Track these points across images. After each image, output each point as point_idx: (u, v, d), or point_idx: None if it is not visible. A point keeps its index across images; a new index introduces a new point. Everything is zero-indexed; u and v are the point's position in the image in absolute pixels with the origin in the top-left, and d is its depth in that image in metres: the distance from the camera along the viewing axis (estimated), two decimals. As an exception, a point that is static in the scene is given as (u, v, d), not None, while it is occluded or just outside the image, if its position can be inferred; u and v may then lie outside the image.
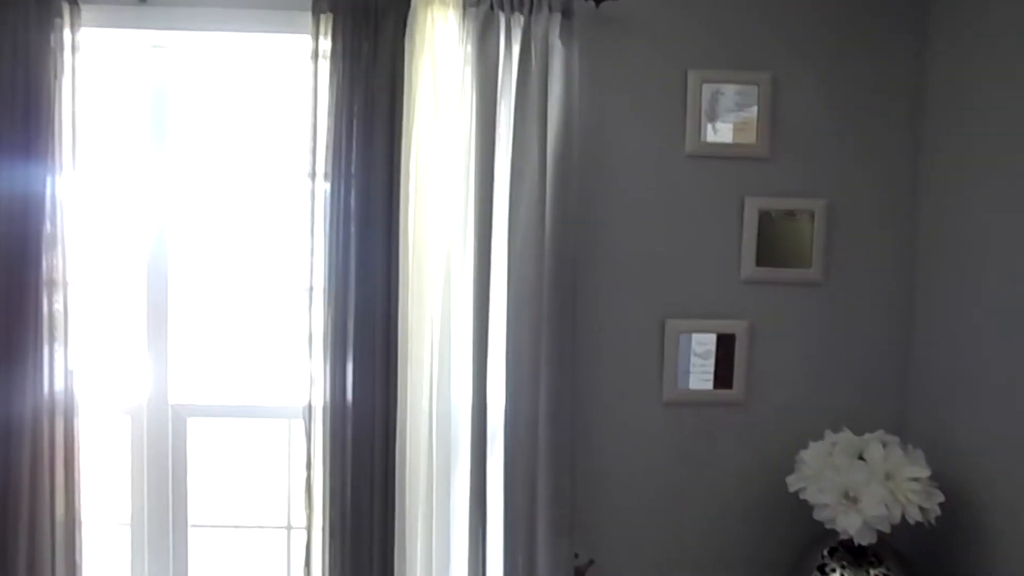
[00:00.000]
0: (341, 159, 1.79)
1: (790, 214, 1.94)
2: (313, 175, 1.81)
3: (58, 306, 1.80)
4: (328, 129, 1.79)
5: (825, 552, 1.74)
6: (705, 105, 1.92)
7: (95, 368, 1.94)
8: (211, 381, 2.09)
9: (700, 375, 1.95)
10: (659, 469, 1.97)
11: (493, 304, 1.83)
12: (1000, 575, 1.62)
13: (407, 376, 1.82)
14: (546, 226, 1.81)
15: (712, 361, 1.95)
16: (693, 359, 1.94)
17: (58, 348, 1.81)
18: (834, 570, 1.70)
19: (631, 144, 1.93)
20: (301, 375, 1.83)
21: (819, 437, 1.80)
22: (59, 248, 1.79)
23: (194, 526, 2.04)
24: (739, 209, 1.93)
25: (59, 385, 1.82)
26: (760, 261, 1.93)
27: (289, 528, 1.91)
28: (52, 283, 1.79)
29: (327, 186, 1.79)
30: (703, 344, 1.94)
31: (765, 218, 1.93)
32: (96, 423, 1.97)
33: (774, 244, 1.94)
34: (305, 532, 1.85)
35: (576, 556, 1.91)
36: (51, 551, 1.84)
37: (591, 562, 1.93)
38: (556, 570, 1.83)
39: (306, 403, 1.82)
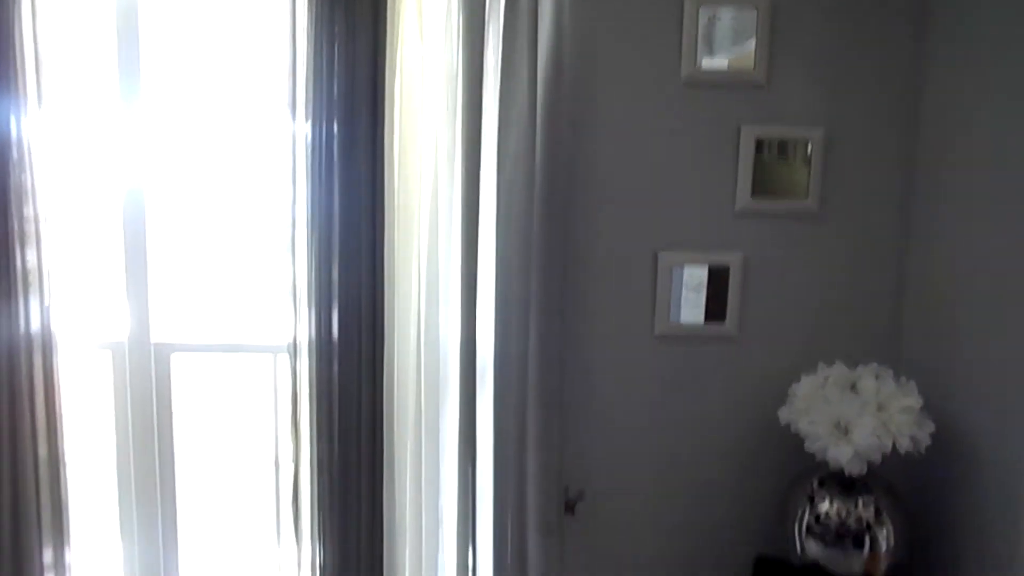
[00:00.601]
0: (322, 89, 1.71)
1: (787, 144, 1.88)
2: (293, 105, 1.73)
3: (31, 240, 1.74)
4: (307, 57, 1.71)
5: (815, 483, 1.74)
6: (701, 30, 1.84)
7: (73, 305, 1.89)
8: (194, 318, 2.05)
9: (692, 308, 1.92)
10: (650, 403, 1.96)
11: (482, 239, 1.78)
12: (985, 504, 1.63)
13: (394, 313, 1.79)
14: (536, 158, 1.74)
15: (704, 294, 1.92)
16: (685, 292, 1.91)
17: (33, 284, 1.75)
18: (823, 500, 1.70)
19: (624, 71, 1.85)
20: (286, 311, 1.78)
21: (812, 371, 1.79)
22: (30, 183, 1.72)
23: (181, 463, 2.02)
24: (735, 138, 1.87)
25: (36, 322, 1.78)
26: (755, 192, 1.88)
27: (277, 464, 1.89)
28: (24, 218, 1.73)
29: (308, 118, 1.71)
30: (695, 277, 1.91)
31: (761, 148, 1.88)
32: (77, 361, 1.93)
33: (770, 175, 1.89)
34: (292, 467, 1.83)
35: (566, 489, 1.91)
36: (35, 490, 1.82)
37: (581, 494, 1.94)
38: (547, 503, 1.83)
39: (291, 339, 1.78)
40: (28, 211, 1.73)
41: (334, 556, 1.82)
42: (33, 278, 1.76)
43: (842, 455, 1.60)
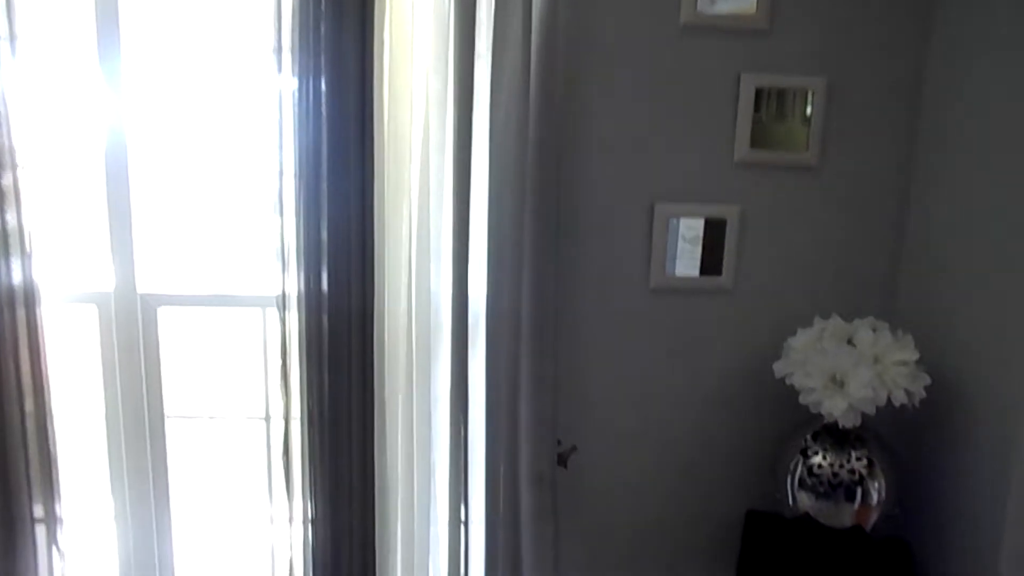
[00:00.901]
0: (309, 38, 1.63)
1: (787, 93, 1.83)
2: (279, 53, 1.66)
3: (9, 193, 1.69)
4: (293, 3, 1.63)
5: (808, 436, 1.73)
6: (702, -30, 1.78)
7: (56, 257, 1.85)
8: (181, 272, 2.01)
9: (688, 261, 1.89)
10: (644, 356, 1.94)
11: (474, 189, 1.74)
12: (978, 459, 1.63)
13: (384, 264, 1.75)
14: (530, 107, 1.69)
15: (700, 247, 1.89)
16: (681, 245, 1.88)
17: (12, 236, 1.71)
18: (816, 452, 1.70)
19: (621, 15, 1.79)
20: (274, 263, 1.74)
21: (808, 325, 1.77)
22: (5, 133, 1.66)
23: (171, 417, 2.00)
24: (734, 87, 1.82)
25: (17, 275, 1.73)
26: (754, 143, 1.84)
27: (268, 418, 1.88)
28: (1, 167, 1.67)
29: (294, 69, 1.65)
30: (692, 229, 1.87)
31: (761, 97, 1.83)
32: (62, 314, 1.90)
33: (769, 125, 1.84)
34: (283, 421, 1.82)
35: (559, 443, 1.91)
36: (23, 444, 1.80)
37: (574, 448, 1.93)
38: (539, 454, 1.82)
39: (280, 291, 1.75)
40: (5, 161, 1.67)
41: (325, 509, 1.82)
42: (13, 230, 1.71)
43: (836, 407, 1.59)
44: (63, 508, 1.88)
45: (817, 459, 1.68)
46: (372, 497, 1.82)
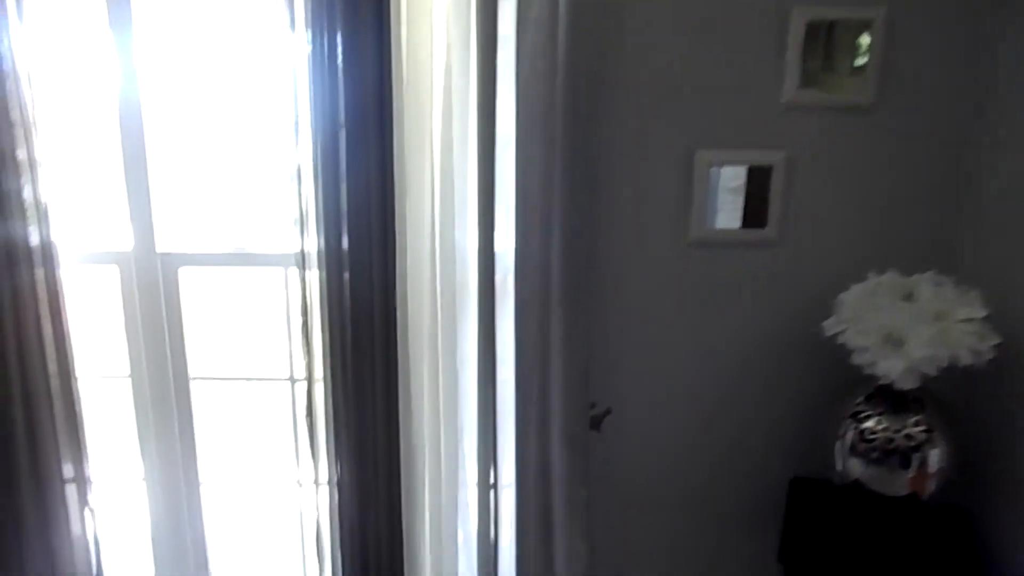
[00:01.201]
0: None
1: (842, 27, 1.67)
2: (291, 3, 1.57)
3: (23, 162, 1.65)
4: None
5: (861, 399, 1.61)
6: None
7: (75, 218, 1.81)
8: (201, 230, 1.95)
9: (729, 213, 1.76)
10: (683, 314, 1.83)
11: (500, 135, 1.63)
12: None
13: (406, 219, 1.66)
14: (558, 46, 1.56)
15: (742, 197, 1.75)
16: (722, 195, 1.75)
17: (29, 205, 1.67)
18: (870, 417, 1.58)
19: (658, -56, 1.64)
20: (294, 221, 1.67)
21: (861, 279, 1.64)
22: (17, 94, 1.62)
23: (195, 379, 1.96)
24: (783, 20, 1.66)
25: (35, 237, 1.70)
26: (805, 83, 1.69)
27: (292, 380, 1.83)
28: (12, 125, 1.63)
29: (308, 17, 1.56)
30: (734, 178, 1.74)
31: (813, 33, 1.67)
32: (83, 274, 1.86)
33: (821, 63, 1.68)
34: (306, 383, 1.77)
35: (593, 406, 1.82)
36: (49, 405, 1.79)
37: (608, 411, 1.85)
38: (571, 416, 1.74)
39: (299, 250, 1.68)
40: (18, 135, 1.63)
41: (351, 472, 1.77)
42: (29, 201, 1.68)
43: (893, 368, 1.47)
44: (92, 468, 1.87)
45: (871, 424, 1.57)
46: (397, 459, 1.76)
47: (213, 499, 2.07)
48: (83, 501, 1.88)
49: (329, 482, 1.81)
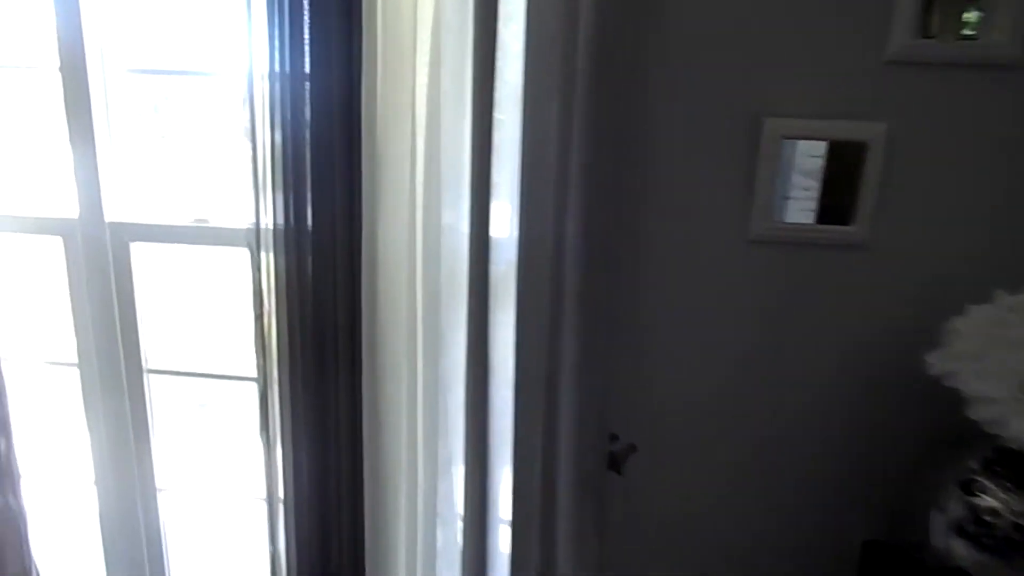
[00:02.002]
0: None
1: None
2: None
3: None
4: None
5: (975, 462, 1.18)
6: None
7: (12, 183, 1.55)
8: (157, 200, 1.66)
9: (803, 203, 1.34)
10: (737, 330, 1.43)
11: (501, 92, 1.26)
12: None
13: (376, 195, 1.31)
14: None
15: (821, 183, 1.34)
16: (795, 179, 1.33)
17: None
18: (985, 491, 1.15)
19: None
20: (247, 192, 1.35)
21: (984, 300, 1.20)
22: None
23: (150, 372, 1.68)
24: (893, -56, 1.23)
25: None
26: (921, 31, 1.25)
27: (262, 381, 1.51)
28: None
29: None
30: (812, 157, 1.32)
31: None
32: (22, 246, 1.60)
33: (943, 5, 1.25)
34: (259, 387, 1.45)
35: (613, 439, 1.45)
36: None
37: (633, 448, 1.46)
38: (584, 456, 1.38)
39: (252, 224, 1.36)
40: None
41: (309, 495, 1.46)
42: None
43: (1030, 431, 1.04)
44: (15, 449, 1.61)
45: (989, 501, 1.14)
46: (362, 491, 1.43)
47: (171, 505, 1.79)
48: (8, 495, 1.63)
49: (284, 503, 1.50)
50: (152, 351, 1.68)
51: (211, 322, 1.82)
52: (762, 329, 1.43)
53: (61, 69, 1.49)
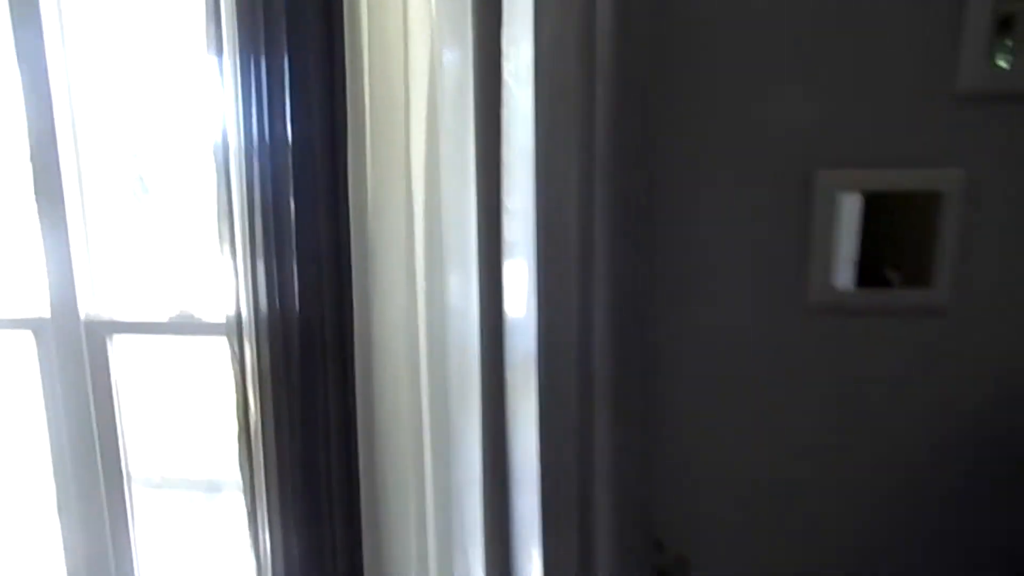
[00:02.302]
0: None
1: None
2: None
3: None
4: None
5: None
6: None
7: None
8: (137, 291, 1.51)
9: (865, 265, 1.15)
10: (796, 415, 1.22)
11: (509, 157, 1.09)
12: None
13: (370, 278, 1.14)
14: (596, 14, 1.03)
15: (886, 242, 1.14)
16: (855, 238, 1.14)
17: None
18: None
19: None
20: (227, 277, 1.19)
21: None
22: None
23: (132, 480, 1.51)
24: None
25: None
26: (1001, 58, 1.07)
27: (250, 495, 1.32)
28: None
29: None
30: (874, 212, 1.13)
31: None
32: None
33: None
34: (246, 495, 1.26)
35: (659, 549, 1.23)
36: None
37: (684, 562, 1.24)
38: (625, 567, 1.16)
39: (232, 313, 1.19)
40: None
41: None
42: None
43: None
44: None
45: None
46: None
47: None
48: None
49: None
50: (135, 458, 1.51)
51: (198, 422, 1.64)
52: (824, 413, 1.21)
53: (32, 158, 1.37)
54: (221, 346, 1.33)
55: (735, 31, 1.11)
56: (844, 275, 1.15)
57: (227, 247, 1.16)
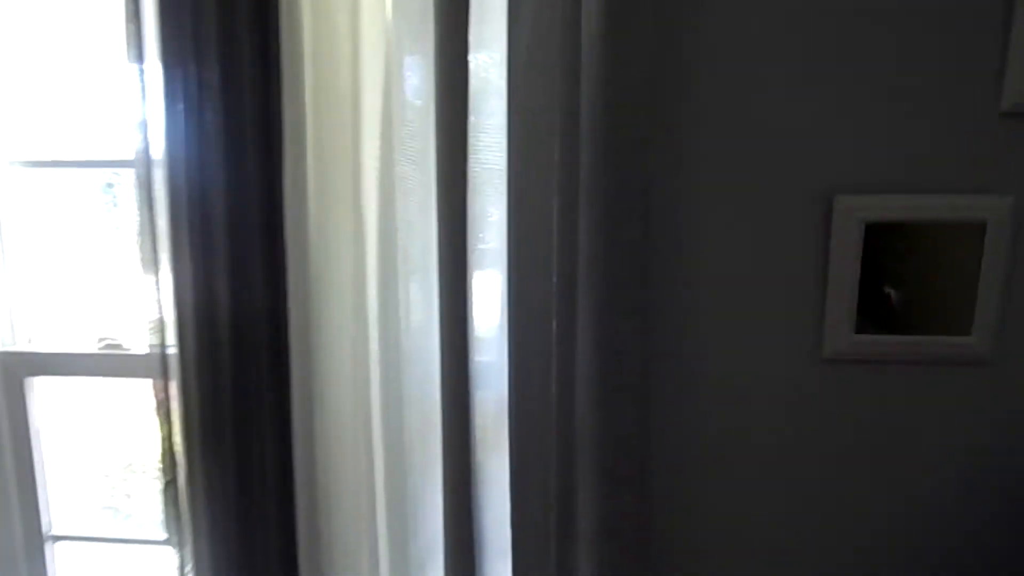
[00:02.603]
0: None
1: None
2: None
3: None
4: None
5: None
6: None
7: None
8: (60, 325, 1.34)
9: (897, 306, 0.99)
10: (818, 482, 1.05)
11: (477, 176, 0.94)
12: None
13: (308, 303, 0.98)
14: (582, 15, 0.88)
15: (920, 279, 0.98)
16: (879, 275, 0.98)
17: None
18: None
19: None
20: (150, 315, 1.03)
21: None
22: None
23: (54, 539, 1.33)
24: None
25: None
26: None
27: (180, 554, 1.15)
28: None
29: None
30: (903, 245, 0.97)
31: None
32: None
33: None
34: (178, 555, 1.09)
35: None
36: None
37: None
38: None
39: (156, 347, 1.03)
40: None
41: None
42: None
43: None
44: None
45: None
46: None
47: None
48: None
49: None
50: (57, 511, 1.33)
51: (125, 467, 1.46)
52: (853, 477, 1.04)
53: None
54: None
55: (747, 35, 0.95)
56: (872, 316, 0.99)
57: (150, 269, 1.00)
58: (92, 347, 1.29)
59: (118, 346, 1.28)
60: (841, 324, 0.98)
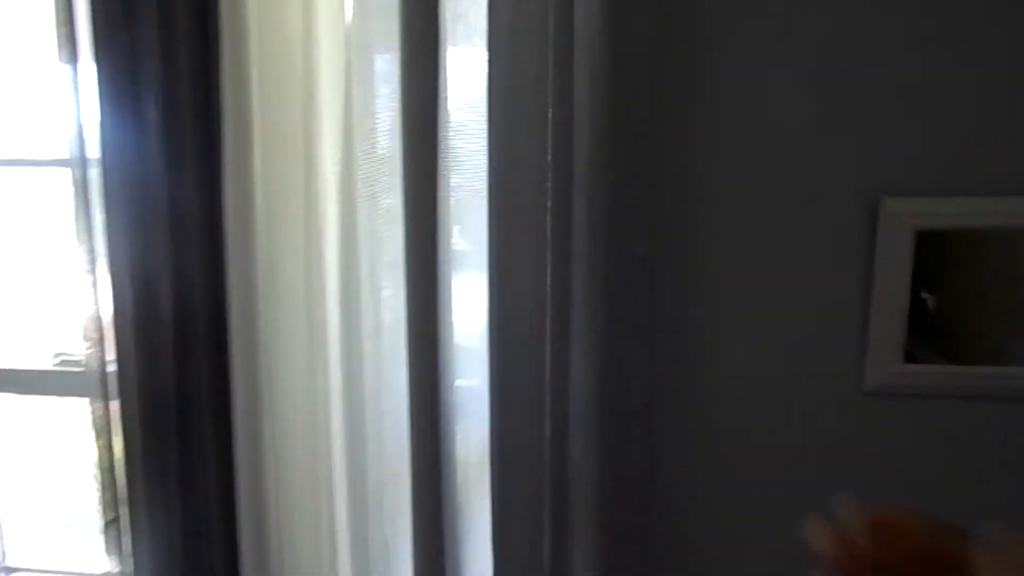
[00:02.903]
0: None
1: None
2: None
3: None
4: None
5: None
6: None
7: None
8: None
9: (944, 332, 0.83)
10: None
11: (451, 178, 0.80)
12: None
13: (257, 324, 0.85)
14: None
15: (979, 298, 0.83)
16: (929, 291, 0.83)
17: None
18: None
19: None
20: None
21: None
22: None
23: (8, 569, 1.22)
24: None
25: None
26: None
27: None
28: None
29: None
30: (956, 255, 0.82)
31: None
32: None
33: None
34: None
35: None
36: None
37: None
38: None
39: (96, 368, 0.91)
40: None
41: None
42: None
43: None
44: None
45: None
46: None
47: None
48: None
49: None
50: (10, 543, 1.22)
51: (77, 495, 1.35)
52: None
53: None
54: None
55: (773, 23, 0.80)
56: (923, 342, 0.83)
57: (88, 277, 0.88)
58: (47, 363, 1.17)
59: (77, 362, 1.16)
60: (886, 348, 0.83)
